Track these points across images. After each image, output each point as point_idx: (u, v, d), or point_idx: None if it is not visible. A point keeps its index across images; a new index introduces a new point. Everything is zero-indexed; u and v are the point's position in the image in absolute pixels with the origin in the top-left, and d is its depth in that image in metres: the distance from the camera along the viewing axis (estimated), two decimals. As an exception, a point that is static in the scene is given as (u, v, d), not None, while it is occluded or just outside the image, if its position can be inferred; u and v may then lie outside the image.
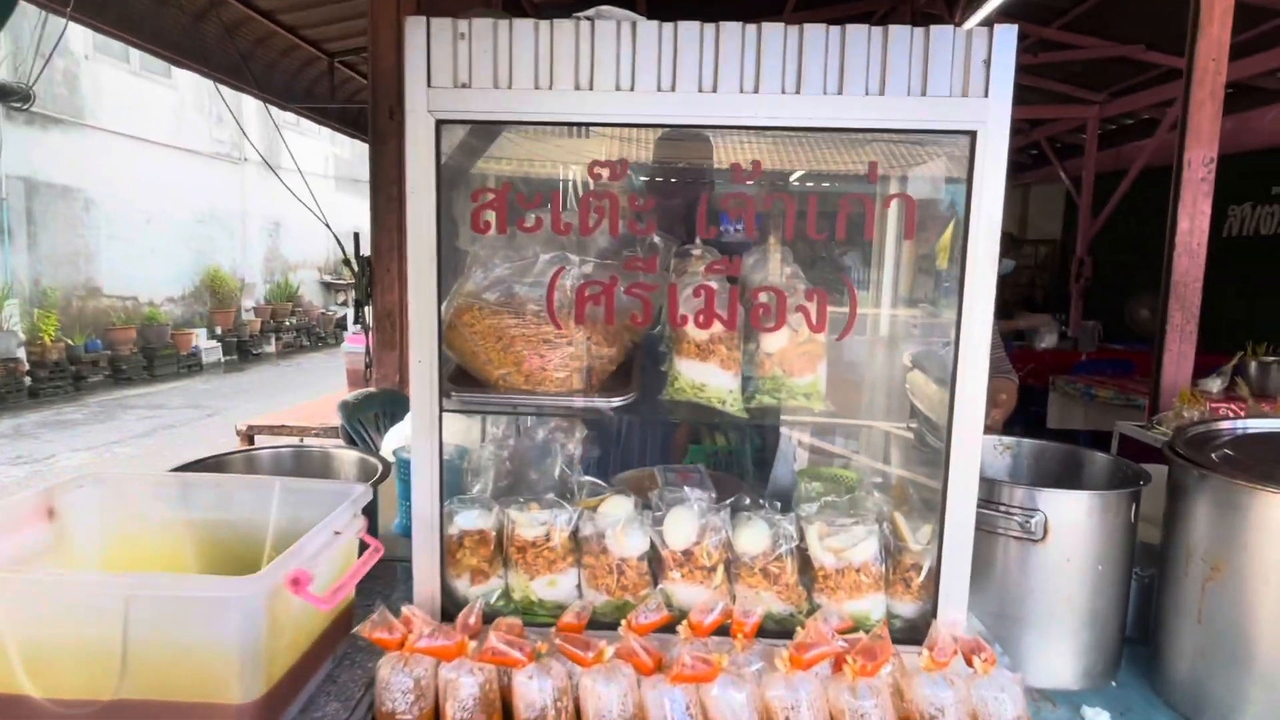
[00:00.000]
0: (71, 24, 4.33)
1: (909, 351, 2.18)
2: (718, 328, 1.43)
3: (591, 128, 1.48)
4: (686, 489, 1.76)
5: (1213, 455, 1.66)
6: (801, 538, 1.53)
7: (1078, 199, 9.17)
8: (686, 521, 1.50)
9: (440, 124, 1.36)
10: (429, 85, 1.35)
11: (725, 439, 2.54)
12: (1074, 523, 1.56)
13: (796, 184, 1.70)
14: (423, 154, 1.36)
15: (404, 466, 2.04)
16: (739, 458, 2.53)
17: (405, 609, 1.39)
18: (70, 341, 12.49)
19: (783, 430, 2.87)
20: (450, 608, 1.51)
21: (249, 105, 11.41)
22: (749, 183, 1.37)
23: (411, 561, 1.48)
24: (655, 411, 1.55)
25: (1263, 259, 7.96)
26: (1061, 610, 1.59)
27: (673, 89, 1.34)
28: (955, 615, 1.47)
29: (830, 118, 1.35)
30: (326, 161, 19.67)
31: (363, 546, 1.46)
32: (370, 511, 1.94)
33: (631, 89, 1.34)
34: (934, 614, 1.48)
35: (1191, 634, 1.52)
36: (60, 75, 12.64)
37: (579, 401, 1.50)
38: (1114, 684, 1.64)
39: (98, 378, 12.86)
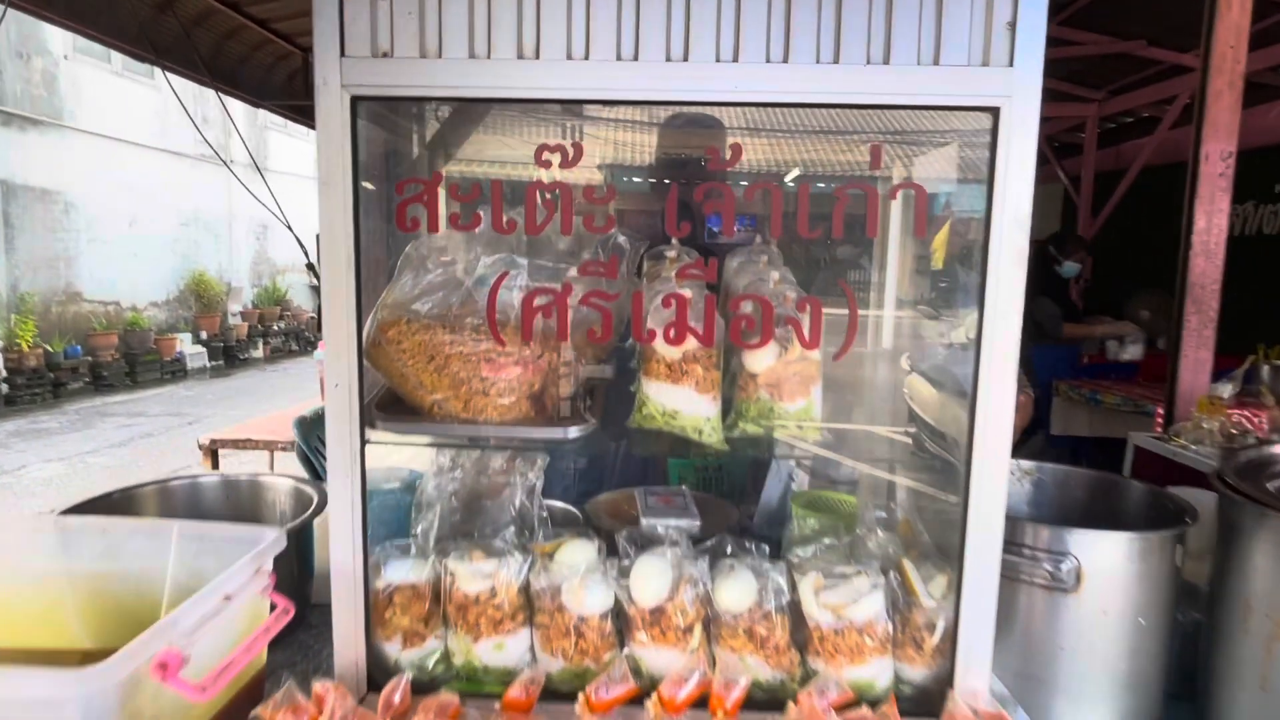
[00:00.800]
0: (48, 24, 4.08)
1: (906, 354, 2.00)
2: (692, 344, 1.20)
3: (543, 105, 1.25)
4: (662, 523, 1.53)
5: (1269, 486, 1.43)
6: (794, 590, 1.29)
7: (1076, 198, 8.97)
8: (657, 573, 1.27)
9: (357, 101, 1.13)
10: (342, 55, 1.12)
11: (715, 457, 2.31)
12: (1112, 569, 1.33)
13: (785, 172, 1.47)
14: (336, 137, 1.13)
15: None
16: (728, 474, 2.30)
17: (317, 685, 1.16)
18: (49, 348, 12.20)
19: (778, 449, 2.65)
20: (379, 676, 1.27)
21: (231, 107, 11.15)
22: (730, 170, 1.14)
23: (337, 619, 1.25)
24: (619, 441, 1.32)
25: (1266, 259, 7.77)
26: (1097, 671, 1.36)
27: (635, 57, 1.11)
28: (976, 683, 1.24)
29: (824, 91, 1.12)
30: (313, 163, 19.41)
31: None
32: (303, 549, 1.70)
33: (585, 57, 1.11)
34: (950, 681, 1.25)
35: (1252, 702, 1.29)
36: (39, 75, 12.37)
37: (528, 431, 1.27)
38: (1155, 753, 1.42)
39: (78, 385, 12.58)
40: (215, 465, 4.28)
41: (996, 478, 1.19)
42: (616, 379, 1.45)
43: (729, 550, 1.35)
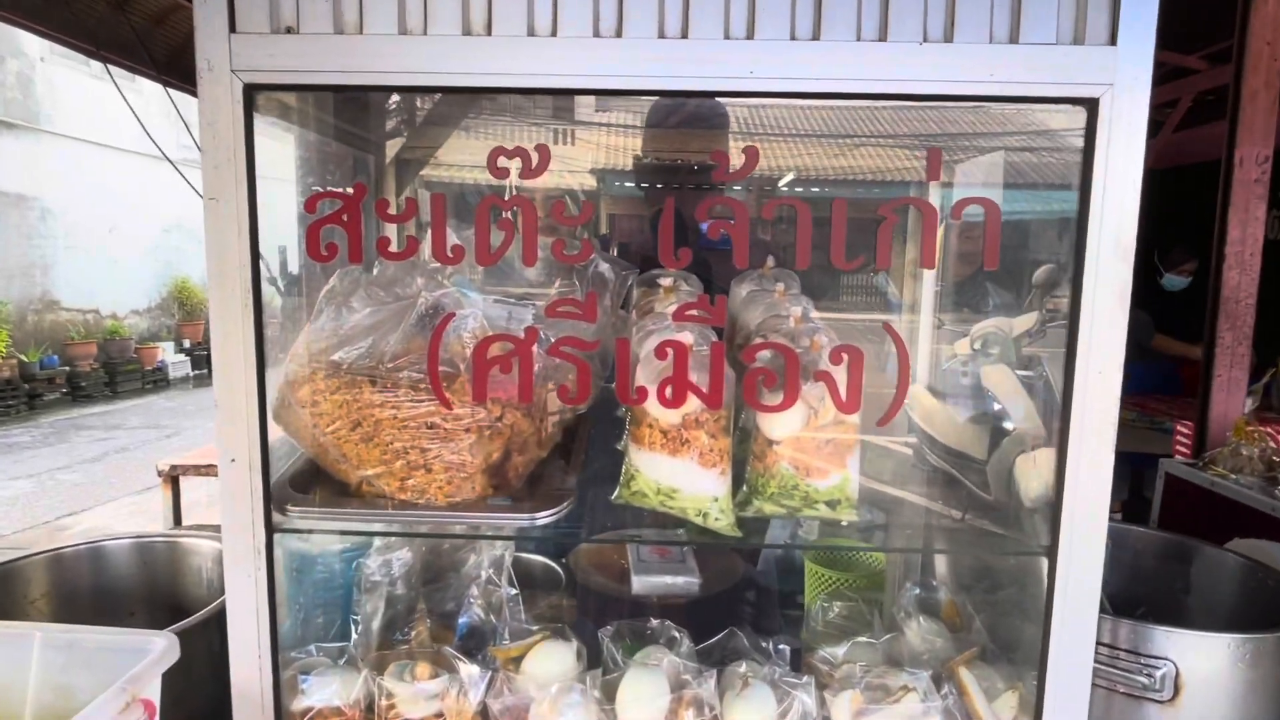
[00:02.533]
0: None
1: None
2: (694, 405, 0.93)
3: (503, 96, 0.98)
4: (657, 583, 1.27)
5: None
6: (822, 707, 1.02)
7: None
8: (651, 694, 1.00)
9: (252, 91, 0.86)
10: (232, 30, 0.85)
11: None
12: (1217, 677, 1.07)
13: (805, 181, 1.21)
14: (224, 138, 0.86)
15: (293, 561, 1.51)
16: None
17: None
18: (24, 358, 11.84)
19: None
20: (297, 824, 1.00)
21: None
22: (740, 183, 0.87)
23: None
24: (603, 527, 1.05)
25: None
26: (1198, 799, 1.10)
27: (618, 32, 0.84)
28: (1060, 837, 0.97)
29: (867, 79, 0.86)
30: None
31: None
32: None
33: (552, 33, 0.84)
34: (1025, 831, 0.99)
35: None
36: (13, 78, 12.04)
37: (485, 519, 0.99)
38: None
39: (54, 395, 12.21)
40: (176, 494, 3.97)
41: (1090, 572, 0.93)
42: (598, 431, 1.19)
43: (740, 656, 1.08)
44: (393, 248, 0.90)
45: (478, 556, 1.30)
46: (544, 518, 0.96)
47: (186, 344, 15.27)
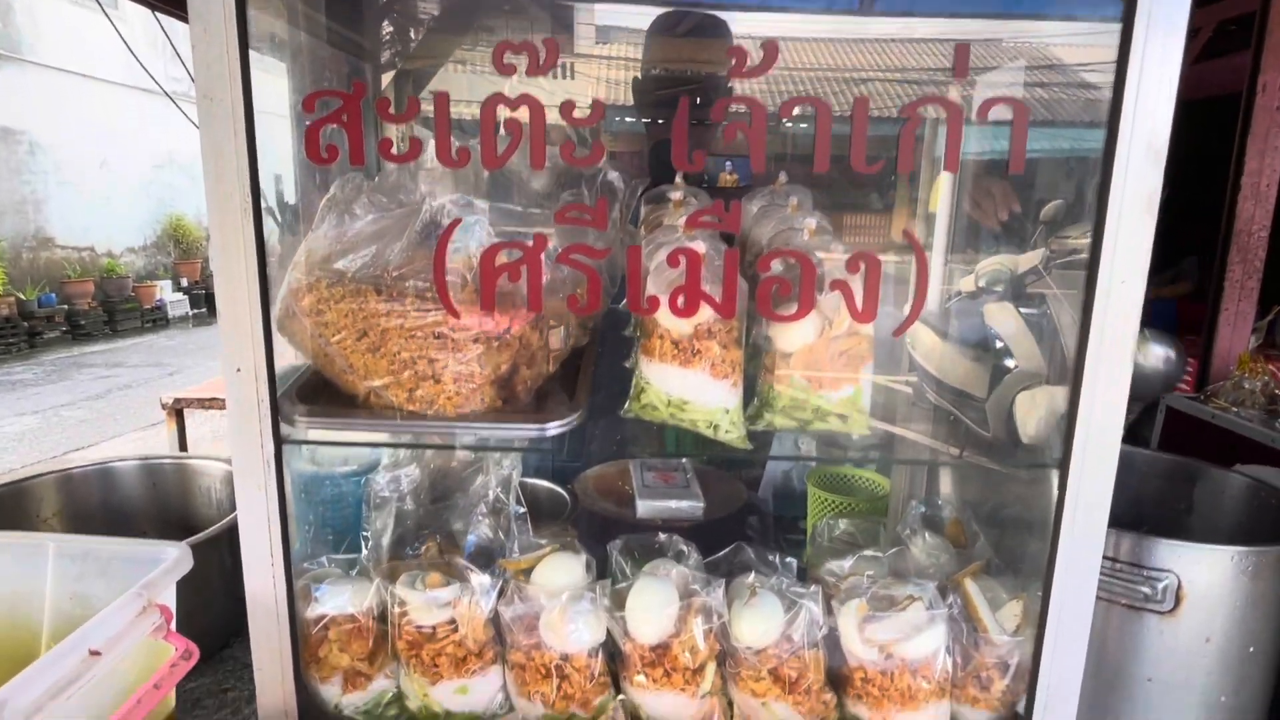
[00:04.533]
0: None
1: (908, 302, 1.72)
2: (707, 314, 0.91)
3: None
4: (661, 507, 1.28)
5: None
6: (830, 618, 1.04)
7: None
8: (660, 602, 1.01)
9: (243, -23, 0.81)
10: (220, -90, 0.79)
11: None
12: (1219, 589, 1.09)
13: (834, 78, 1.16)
14: (215, 28, 0.82)
15: (302, 483, 1.52)
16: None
17: (227, 752, 0.91)
18: (22, 296, 11.77)
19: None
20: (314, 724, 1.02)
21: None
22: (758, 78, 0.83)
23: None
24: (611, 440, 1.04)
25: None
26: (1192, 707, 1.13)
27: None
28: (1058, 735, 1.00)
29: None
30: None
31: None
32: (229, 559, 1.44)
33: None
34: (1023, 731, 1.01)
35: (1389, 751, 1.06)
36: (-9, 6, 11.61)
37: (495, 429, 0.98)
38: (1250, 795, 1.20)
39: (54, 334, 12.19)
40: (180, 427, 4.00)
41: (1101, 483, 0.92)
42: (607, 348, 1.17)
43: (748, 569, 1.09)
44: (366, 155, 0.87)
45: (485, 476, 1.30)
46: (554, 428, 0.95)
47: (184, 283, 15.17)
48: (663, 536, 1.14)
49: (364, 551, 1.15)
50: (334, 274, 0.92)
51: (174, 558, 1.02)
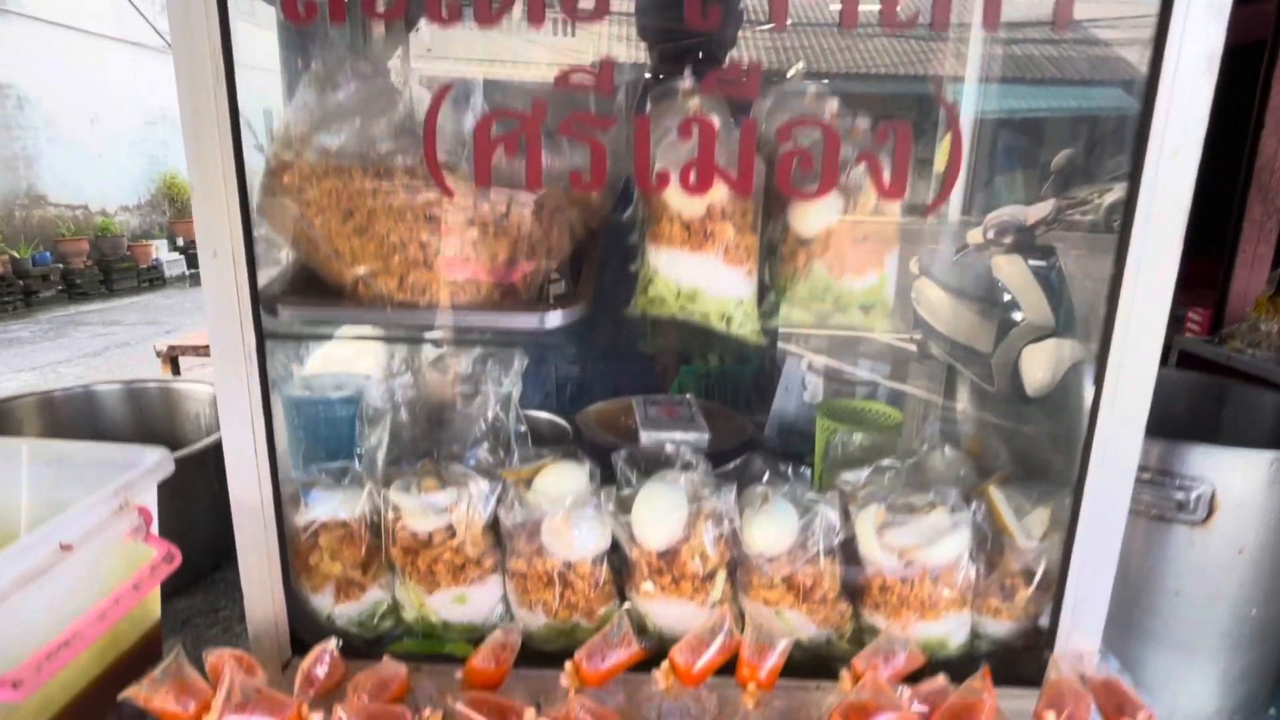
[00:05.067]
0: None
1: (915, 257, 1.69)
2: (721, 193, 0.84)
3: None
4: (665, 437, 1.23)
5: None
6: (846, 526, 0.99)
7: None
8: (668, 506, 0.96)
9: None
10: None
11: (719, 358, 1.98)
12: (1254, 499, 1.03)
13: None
14: None
15: (294, 408, 1.46)
16: (733, 381, 1.98)
17: (213, 655, 0.86)
18: (16, 254, 11.64)
19: (790, 350, 2.31)
20: (308, 636, 0.98)
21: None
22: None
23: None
24: (618, 335, 0.98)
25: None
26: (1220, 619, 1.08)
27: None
28: (1084, 643, 0.95)
29: None
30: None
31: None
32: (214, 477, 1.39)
33: None
34: (1046, 639, 0.97)
35: None
36: (-26, -47, 11.26)
37: (491, 318, 0.92)
38: (1274, 711, 1.16)
39: (50, 293, 12.08)
40: (176, 374, 3.95)
41: (1141, 382, 0.86)
42: (611, 254, 1.10)
43: (759, 478, 1.04)
44: (379, 8, 0.79)
45: (484, 395, 1.24)
46: (556, 318, 0.89)
47: (180, 242, 15.01)
48: (670, 448, 1.08)
49: (357, 464, 1.10)
50: (316, 149, 0.84)
51: (154, 460, 0.96)
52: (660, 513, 0.95)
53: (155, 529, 0.93)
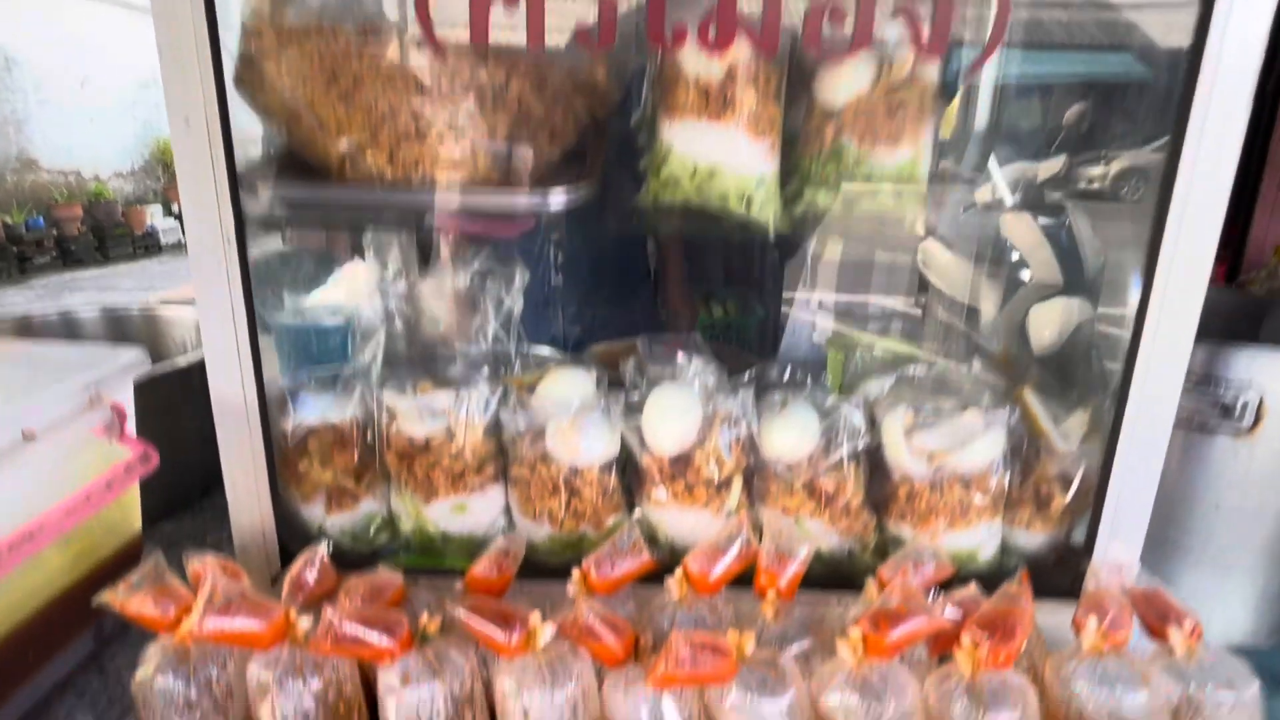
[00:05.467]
0: None
1: (920, 219, 1.63)
2: (743, 51, 0.76)
3: None
4: (682, 356, 1.15)
5: None
6: (871, 431, 0.92)
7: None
8: (681, 407, 0.89)
9: None
10: None
11: (724, 309, 1.91)
12: (1305, 405, 0.97)
13: None
14: None
15: (285, 335, 1.39)
16: (739, 332, 1.91)
17: (196, 561, 0.80)
18: (9, 219, 11.50)
19: (798, 296, 2.24)
20: (297, 549, 0.92)
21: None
22: None
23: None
24: (625, 220, 0.91)
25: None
26: (1262, 535, 1.03)
27: None
28: (1125, 554, 0.90)
29: None
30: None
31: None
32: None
33: None
34: (1082, 549, 0.91)
35: None
36: (-45, -93, 10.95)
37: (490, 198, 0.84)
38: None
39: (44, 259, 11.95)
40: (170, 328, 3.87)
41: (1195, 277, 0.80)
42: (617, 148, 1.03)
43: (776, 386, 0.98)
44: None
45: (481, 314, 1.18)
46: (560, 197, 0.81)
47: (175, 208, 14.83)
48: (681, 357, 1.02)
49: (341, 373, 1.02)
50: (297, 9, 0.76)
51: (129, 357, 0.90)
52: (673, 414, 0.88)
53: (131, 429, 0.87)
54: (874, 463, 0.93)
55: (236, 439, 0.87)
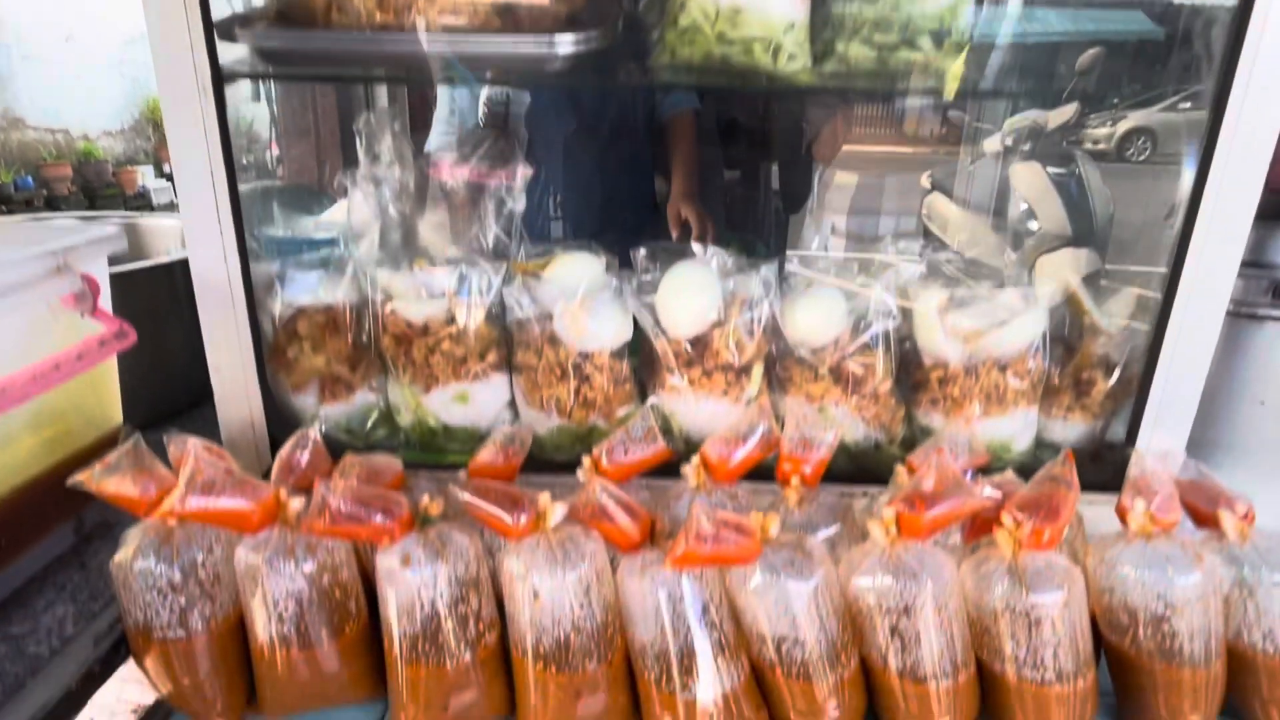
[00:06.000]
0: None
1: (927, 173, 1.58)
2: None
3: None
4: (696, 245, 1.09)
5: None
6: (902, 314, 0.86)
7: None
8: (699, 286, 0.83)
9: None
10: None
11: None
12: (1364, 289, 0.91)
13: None
14: None
15: (273, 246, 1.31)
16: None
17: (174, 444, 0.75)
18: (-3, 178, 11.31)
19: (807, 219, 2.17)
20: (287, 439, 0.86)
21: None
22: None
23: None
24: (637, 73, 0.84)
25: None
26: (1309, 435, 0.97)
27: None
28: (1170, 441, 0.85)
29: None
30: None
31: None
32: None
33: None
34: (1129, 440, 0.86)
35: None
36: None
37: (488, 43, 0.77)
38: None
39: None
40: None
41: (1263, 136, 0.73)
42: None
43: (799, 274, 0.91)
44: None
45: (482, 210, 1.10)
46: (568, 43, 0.74)
47: (166, 168, 14.61)
48: (696, 245, 0.95)
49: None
50: None
51: (103, 230, 0.83)
52: (689, 291, 0.82)
53: (106, 305, 0.80)
54: (903, 355, 0.87)
55: (219, 319, 0.81)
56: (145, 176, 14.29)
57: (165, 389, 1.21)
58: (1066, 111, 1.85)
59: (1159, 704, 0.72)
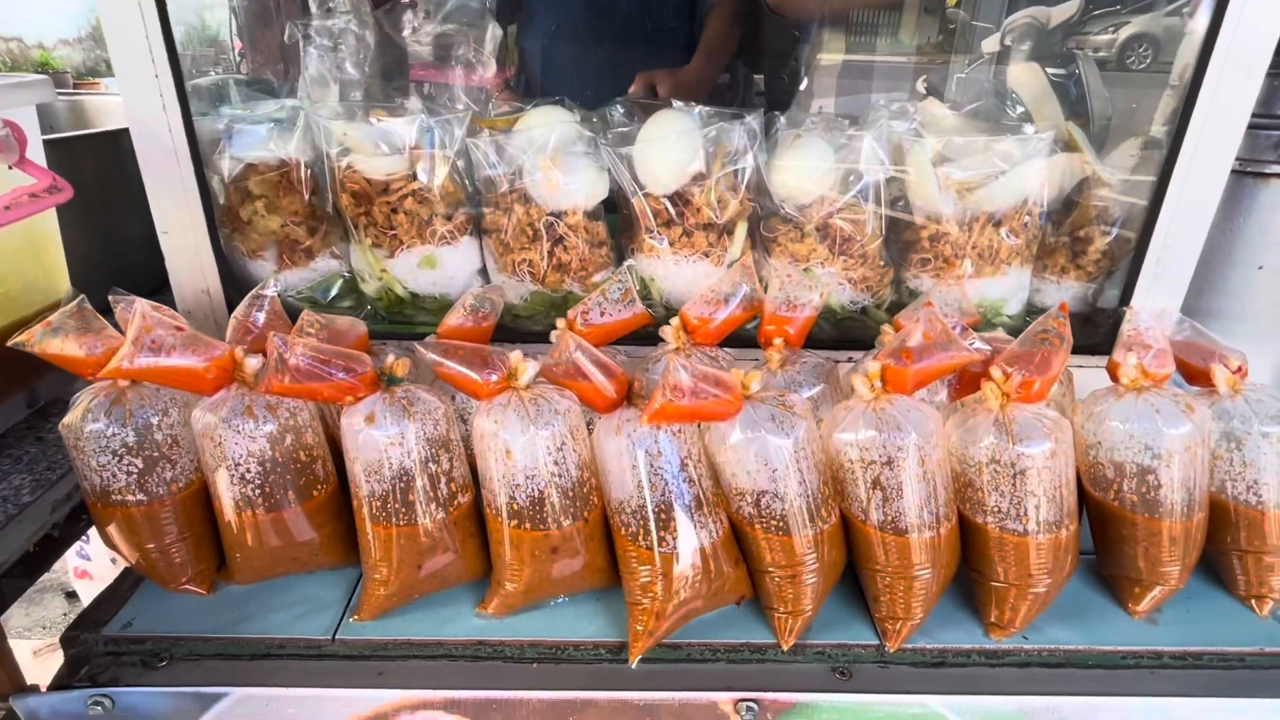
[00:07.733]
0: None
1: (922, 78, 1.50)
2: None
3: None
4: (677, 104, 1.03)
5: None
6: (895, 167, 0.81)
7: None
8: (678, 137, 0.78)
9: None
10: None
11: None
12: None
13: None
14: None
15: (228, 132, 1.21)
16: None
17: (120, 304, 0.70)
18: (-51, 90, 10.76)
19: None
20: (247, 308, 0.82)
21: None
22: None
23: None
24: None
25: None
26: (1306, 301, 0.95)
27: None
28: (1167, 300, 0.82)
29: None
30: None
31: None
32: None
33: None
34: (1124, 301, 0.83)
35: None
36: None
37: None
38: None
39: (-5, 134, 11.31)
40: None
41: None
42: None
43: (789, 126, 0.85)
44: None
45: (451, 65, 1.02)
46: None
47: (130, 80, 13.91)
48: (677, 102, 0.88)
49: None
50: None
51: (27, 79, 0.76)
52: (669, 141, 0.77)
53: (39, 158, 0.74)
54: (893, 219, 0.83)
55: (163, 178, 0.75)
56: (108, 88, 13.64)
57: (122, 272, 1.15)
58: (1069, 8, 1.74)
59: (1138, 554, 0.71)
